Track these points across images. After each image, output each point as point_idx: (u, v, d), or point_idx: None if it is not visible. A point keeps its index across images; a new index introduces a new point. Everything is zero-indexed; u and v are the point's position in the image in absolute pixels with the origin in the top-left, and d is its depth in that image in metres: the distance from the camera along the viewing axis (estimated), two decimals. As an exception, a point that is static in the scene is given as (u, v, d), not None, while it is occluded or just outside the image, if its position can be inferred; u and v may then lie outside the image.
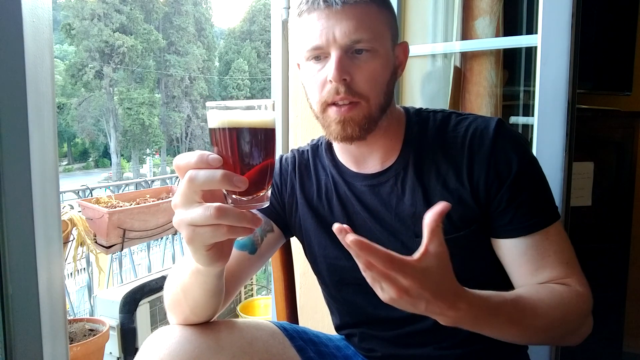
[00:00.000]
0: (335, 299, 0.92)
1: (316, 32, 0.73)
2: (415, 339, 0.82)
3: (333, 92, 0.73)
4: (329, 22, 0.72)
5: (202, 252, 0.55)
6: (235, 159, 0.53)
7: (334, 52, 0.72)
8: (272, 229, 0.89)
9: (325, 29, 0.72)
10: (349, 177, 0.85)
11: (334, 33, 0.72)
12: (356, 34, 0.71)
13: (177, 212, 0.53)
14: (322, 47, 0.73)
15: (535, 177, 0.77)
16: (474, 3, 1.44)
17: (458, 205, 0.76)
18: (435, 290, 0.55)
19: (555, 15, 1.07)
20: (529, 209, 0.74)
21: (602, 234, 1.67)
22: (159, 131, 28.09)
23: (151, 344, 0.71)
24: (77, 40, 26.07)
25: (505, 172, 0.74)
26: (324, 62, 0.74)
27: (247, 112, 0.54)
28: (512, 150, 0.75)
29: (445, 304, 0.57)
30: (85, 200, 2.46)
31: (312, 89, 0.76)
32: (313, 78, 0.75)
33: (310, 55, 0.75)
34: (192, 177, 0.51)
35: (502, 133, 0.77)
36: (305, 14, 0.75)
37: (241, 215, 0.51)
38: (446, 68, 1.53)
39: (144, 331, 2.15)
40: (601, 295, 0.76)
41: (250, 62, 31.28)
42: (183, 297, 0.71)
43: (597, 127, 1.68)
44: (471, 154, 0.76)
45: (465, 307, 0.58)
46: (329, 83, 0.73)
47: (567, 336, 0.73)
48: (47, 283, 1.03)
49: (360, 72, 0.73)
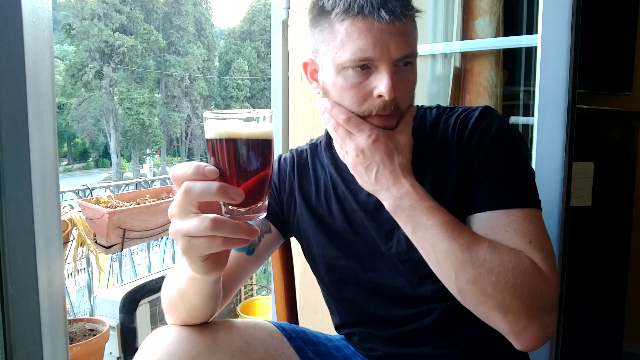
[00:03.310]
0: (335, 298, 0.92)
1: (369, 42, 0.69)
2: (415, 338, 0.82)
3: (381, 108, 0.72)
4: (383, 35, 0.69)
5: (198, 262, 0.55)
6: (232, 170, 0.53)
7: (385, 67, 0.70)
8: (269, 229, 0.89)
9: (380, 41, 0.69)
10: (347, 175, 0.85)
11: (389, 47, 0.69)
12: (408, 49, 0.71)
13: (173, 222, 0.53)
14: (373, 59, 0.70)
15: (512, 157, 0.75)
16: (474, 3, 1.44)
17: (456, 195, 0.76)
18: (386, 157, 0.70)
19: (555, 15, 1.07)
20: (493, 185, 0.73)
21: (602, 234, 1.67)
22: (159, 131, 28.09)
23: (149, 343, 0.72)
24: (77, 40, 26.08)
25: (482, 144, 0.75)
26: (368, 73, 0.72)
27: (245, 124, 0.53)
28: (492, 127, 0.76)
29: (392, 177, 0.68)
30: (85, 200, 2.46)
31: (350, 99, 0.73)
32: (354, 88, 0.73)
33: (356, 65, 0.71)
34: (188, 189, 0.51)
35: (487, 114, 0.78)
36: (350, 19, 0.70)
37: (237, 227, 0.51)
38: (446, 68, 1.53)
39: (144, 331, 2.15)
40: (601, 295, 0.76)
41: (250, 62, 31.28)
42: (180, 301, 0.71)
43: (597, 127, 1.68)
44: (459, 140, 0.77)
45: (407, 185, 0.68)
46: (377, 97, 0.71)
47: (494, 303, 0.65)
48: (47, 283, 1.03)
49: (404, 87, 0.74)
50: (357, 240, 0.83)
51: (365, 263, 0.83)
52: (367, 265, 0.83)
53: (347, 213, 0.84)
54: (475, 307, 0.68)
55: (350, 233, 0.83)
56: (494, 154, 0.74)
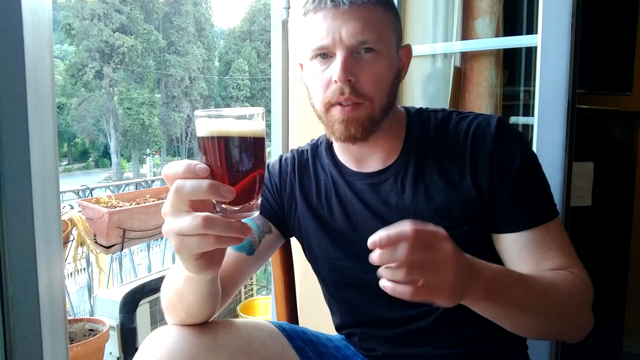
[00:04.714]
0: (336, 299, 0.92)
1: (322, 31, 0.72)
2: (415, 338, 0.82)
3: (338, 92, 0.73)
4: (335, 22, 0.72)
5: (191, 261, 0.55)
6: (223, 169, 0.52)
7: (339, 53, 0.72)
8: (270, 230, 0.89)
9: (332, 28, 0.72)
10: (349, 177, 0.85)
11: (340, 33, 0.71)
12: (362, 35, 0.72)
13: (166, 221, 0.53)
14: (327, 47, 0.73)
15: (536, 174, 0.78)
16: (474, 3, 1.44)
17: (461, 202, 0.76)
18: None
19: (555, 15, 1.07)
20: (530, 204, 0.74)
21: (602, 234, 1.67)
22: (159, 131, 28.09)
23: (149, 343, 0.72)
24: (77, 40, 26.09)
25: (508, 167, 0.75)
26: (328, 62, 0.74)
27: (236, 122, 0.53)
28: (514, 147, 0.76)
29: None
30: (85, 200, 2.46)
31: (316, 89, 0.76)
32: (317, 77, 0.75)
33: (315, 55, 0.75)
34: (178, 187, 0.51)
35: (504, 130, 0.77)
36: (311, 13, 0.74)
37: (229, 225, 0.51)
38: (446, 68, 1.53)
39: (144, 331, 2.15)
40: (601, 295, 0.76)
41: (250, 62, 31.29)
42: (178, 301, 0.71)
43: (597, 127, 1.68)
44: (474, 152, 0.77)
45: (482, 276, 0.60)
46: (334, 83, 0.73)
47: (570, 326, 0.72)
48: (47, 283, 1.03)
49: (365, 73, 0.73)
50: (358, 241, 0.83)
51: (366, 263, 0.83)
52: (368, 265, 0.83)
53: (348, 213, 0.84)
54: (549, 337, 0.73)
55: (352, 233, 0.83)
56: (524, 174, 0.75)
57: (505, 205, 0.75)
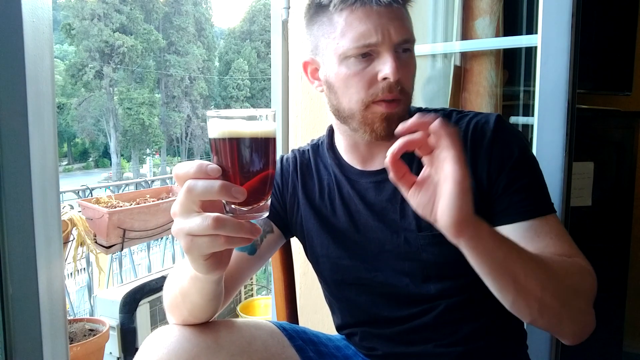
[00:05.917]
0: (337, 298, 0.92)
1: (369, 27, 0.72)
2: (416, 337, 0.82)
3: (386, 90, 0.73)
4: (381, 20, 0.72)
5: (200, 261, 0.55)
6: (235, 169, 0.53)
7: (387, 50, 0.72)
8: (271, 229, 0.89)
9: (380, 26, 0.72)
10: (353, 175, 0.85)
11: (389, 31, 0.72)
12: (407, 34, 0.74)
13: (176, 221, 0.53)
14: (375, 45, 0.72)
15: (533, 170, 0.78)
16: (474, 3, 1.44)
17: None
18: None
19: (555, 15, 1.07)
20: (527, 195, 0.74)
21: (602, 234, 1.67)
22: (159, 131, 28.09)
23: (150, 343, 0.72)
24: (77, 40, 26.08)
25: (506, 159, 0.75)
26: (369, 60, 0.74)
27: (248, 123, 0.53)
28: (512, 142, 0.77)
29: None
30: (85, 200, 2.46)
31: (355, 86, 0.75)
32: (357, 75, 0.74)
33: (358, 52, 0.73)
34: (190, 187, 0.51)
35: (502, 126, 0.78)
36: (348, 8, 0.73)
37: (239, 226, 0.51)
38: (446, 68, 1.53)
39: (144, 331, 2.15)
40: (601, 295, 0.76)
41: (250, 62, 31.28)
42: (181, 301, 0.71)
43: (597, 127, 1.68)
44: (474, 148, 0.77)
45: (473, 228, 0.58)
46: (381, 80, 0.73)
47: (571, 311, 0.66)
48: (47, 283, 1.03)
49: (407, 70, 0.75)
50: (360, 240, 0.83)
51: (368, 263, 0.83)
52: (370, 265, 0.83)
53: (351, 213, 0.84)
54: (549, 320, 0.66)
55: (354, 233, 0.84)
56: (521, 167, 0.75)
57: (500, 197, 0.75)
